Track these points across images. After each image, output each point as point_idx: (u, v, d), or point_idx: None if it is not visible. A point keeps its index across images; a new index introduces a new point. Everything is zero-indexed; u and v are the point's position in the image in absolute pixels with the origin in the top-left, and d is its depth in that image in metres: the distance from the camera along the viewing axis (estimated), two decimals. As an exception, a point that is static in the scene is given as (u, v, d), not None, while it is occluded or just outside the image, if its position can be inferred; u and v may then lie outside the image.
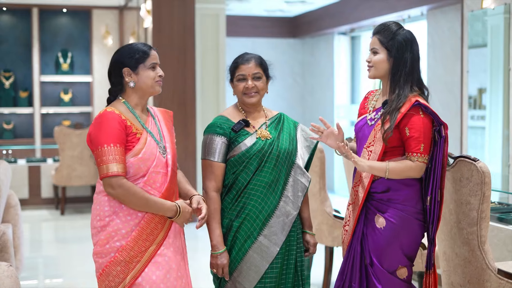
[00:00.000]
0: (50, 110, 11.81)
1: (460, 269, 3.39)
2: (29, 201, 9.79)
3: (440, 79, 8.48)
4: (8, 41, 11.69)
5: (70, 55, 11.85)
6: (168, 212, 3.03)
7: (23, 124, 11.81)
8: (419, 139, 3.11)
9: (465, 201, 3.28)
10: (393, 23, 3.27)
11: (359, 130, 3.35)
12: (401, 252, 3.18)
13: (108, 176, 2.93)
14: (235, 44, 12.01)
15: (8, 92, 11.58)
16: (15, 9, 11.66)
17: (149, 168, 3.02)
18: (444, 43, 8.38)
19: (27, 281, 6.16)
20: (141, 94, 3.12)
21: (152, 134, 3.09)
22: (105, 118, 2.99)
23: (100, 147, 2.94)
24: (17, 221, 5.10)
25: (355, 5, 10.13)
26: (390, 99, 3.19)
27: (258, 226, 3.21)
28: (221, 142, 3.25)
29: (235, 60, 3.39)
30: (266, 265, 3.20)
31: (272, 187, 3.24)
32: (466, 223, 3.29)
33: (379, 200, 3.20)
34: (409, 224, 3.17)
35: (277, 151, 3.27)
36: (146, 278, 3.00)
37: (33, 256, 7.30)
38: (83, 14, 11.95)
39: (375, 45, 3.25)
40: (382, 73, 3.25)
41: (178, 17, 8.36)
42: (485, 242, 3.26)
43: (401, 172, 3.11)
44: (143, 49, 3.11)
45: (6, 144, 11.22)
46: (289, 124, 3.43)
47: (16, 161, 9.93)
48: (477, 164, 3.23)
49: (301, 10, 11.64)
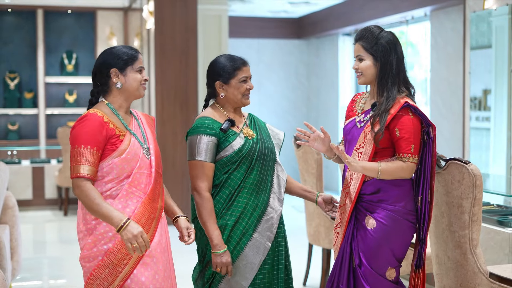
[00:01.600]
0: (55, 111, 11.84)
1: (452, 272, 3.36)
2: (33, 202, 9.82)
3: (443, 80, 8.44)
4: (13, 42, 11.74)
5: (74, 56, 11.89)
6: (113, 223, 2.93)
7: (28, 125, 11.85)
8: (409, 140, 3.13)
9: (457, 203, 3.25)
10: (374, 27, 3.29)
11: (348, 133, 3.36)
12: (391, 253, 3.19)
13: (75, 177, 2.94)
14: (240, 45, 12.01)
15: (13, 93, 11.62)
16: (20, 10, 11.70)
17: (133, 169, 3.03)
18: (447, 44, 8.34)
19: (31, 282, 6.18)
20: (126, 96, 3.14)
21: (136, 136, 3.11)
22: (87, 119, 3.00)
23: (77, 146, 2.94)
24: (14, 223, 5.10)
25: (359, 6, 10.10)
26: (379, 102, 3.22)
27: (253, 224, 3.26)
28: (211, 142, 3.26)
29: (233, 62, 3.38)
30: (260, 261, 3.26)
31: (262, 184, 3.32)
32: (458, 226, 3.27)
33: (369, 201, 3.21)
34: (399, 225, 3.18)
35: (263, 149, 3.35)
36: (135, 279, 3.00)
37: (37, 256, 7.32)
38: (87, 15, 11.98)
39: (360, 52, 3.27)
40: (370, 78, 3.28)
41: (180, 18, 8.35)
42: (477, 246, 3.23)
43: (392, 172, 3.13)
44: (131, 52, 3.14)
45: (11, 145, 11.27)
46: (261, 123, 3.52)
47: (20, 162, 9.96)
48: (468, 167, 3.21)
49: (305, 11, 11.61)
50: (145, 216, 3.03)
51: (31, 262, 6.90)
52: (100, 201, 2.92)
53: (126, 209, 3.02)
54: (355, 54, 3.31)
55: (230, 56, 3.42)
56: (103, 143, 3.00)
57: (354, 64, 3.31)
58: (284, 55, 12.48)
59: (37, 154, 11.28)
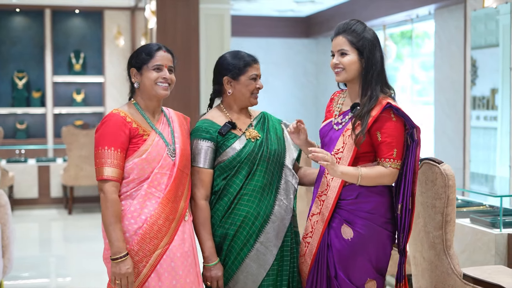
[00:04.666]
0: (62, 110, 11.93)
1: (427, 273, 3.32)
2: (38, 201, 9.88)
3: (447, 78, 8.38)
4: (22, 42, 11.85)
5: (82, 55, 11.97)
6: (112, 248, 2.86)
7: (36, 124, 11.95)
8: (391, 144, 2.92)
9: (431, 204, 3.21)
10: (357, 21, 3.07)
11: (325, 135, 3.14)
12: (370, 265, 2.98)
13: (100, 179, 2.90)
14: (248, 44, 12.00)
15: (21, 93, 11.72)
16: (28, 10, 11.80)
17: (153, 169, 2.94)
18: (450, 42, 8.28)
19: (37, 280, 6.24)
20: (146, 96, 3.04)
21: (162, 136, 3.01)
22: (109, 120, 2.94)
23: (101, 148, 2.90)
24: (6, 221, 5.11)
25: (365, 5, 10.07)
26: (362, 102, 3.00)
27: (255, 233, 3.05)
28: (207, 147, 3.08)
29: (243, 58, 3.17)
30: (264, 273, 3.05)
31: (265, 191, 3.09)
32: (432, 227, 3.23)
33: (346, 209, 2.98)
34: (377, 235, 2.97)
35: (268, 153, 3.12)
36: (152, 284, 2.90)
37: (42, 255, 7.38)
38: (95, 15, 12.05)
39: (344, 46, 3.02)
40: (352, 75, 3.04)
41: (182, 17, 8.35)
42: (451, 246, 3.18)
43: (373, 179, 2.92)
44: (149, 49, 3.03)
45: (19, 144, 11.36)
46: (273, 123, 3.28)
47: (26, 160, 10.03)
48: (440, 167, 3.14)
49: (311, 10, 11.59)
50: (162, 217, 2.93)
51: (37, 260, 6.96)
52: (115, 221, 2.86)
53: (144, 210, 2.92)
54: (336, 48, 3.05)
55: (240, 52, 3.21)
56: (127, 144, 2.93)
57: (334, 59, 3.05)
58: (293, 54, 12.47)
59: (45, 153, 11.36)
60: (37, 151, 11.14)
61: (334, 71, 3.09)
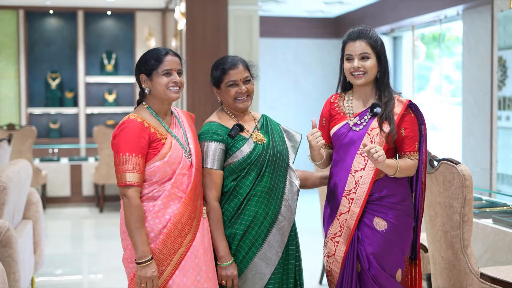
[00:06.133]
0: (94, 110, 12.12)
1: (445, 272, 3.36)
2: (71, 199, 10.07)
3: (475, 79, 8.35)
4: (55, 43, 12.07)
5: (114, 56, 12.14)
6: (137, 253, 2.91)
7: (69, 124, 12.16)
8: (414, 138, 3.13)
9: (448, 204, 3.25)
10: (369, 27, 3.23)
11: (342, 137, 3.22)
12: (401, 253, 3.14)
13: (122, 185, 2.95)
14: (278, 45, 12.07)
15: (54, 93, 11.93)
16: (62, 12, 12.02)
17: (175, 171, 3.00)
18: (478, 43, 8.25)
19: (70, 276, 6.39)
20: (158, 101, 3.09)
21: (177, 138, 3.08)
22: (128, 126, 2.99)
23: (122, 154, 2.95)
24: (38, 218, 5.26)
25: (394, 6, 10.06)
26: (383, 102, 3.16)
27: (263, 233, 3.13)
28: (219, 148, 3.13)
29: (221, 65, 3.22)
30: (270, 271, 3.13)
31: (273, 192, 3.16)
32: (450, 226, 3.27)
33: (377, 203, 3.13)
34: (406, 223, 3.14)
35: (274, 155, 3.19)
36: (177, 281, 2.96)
37: (75, 252, 7.53)
38: (127, 16, 12.23)
39: (367, 50, 3.15)
40: (371, 79, 3.20)
41: (211, 19, 8.44)
42: (468, 246, 3.22)
43: (406, 170, 3.10)
44: (157, 55, 3.07)
45: (53, 143, 11.58)
46: (275, 125, 3.35)
47: (59, 159, 10.22)
48: (458, 167, 3.20)
49: (340, 10, 11.62)
50: (185, 216, 2.99)
51: (69, 257, 7.12)
52: (140, 225, 2.92)
53: (167, 210, 2.99)
54: (357, 52, 3.15)
55: (221, 59, 3.27)
56: (146, 149, 2.98)
57: (355, 62, 3.15)
58: (322, 55, 12.49)
59: (77, 152, 11.55)
60: (70, 150, 11.34)
61: (353, 74, 3.19)
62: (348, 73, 3.21)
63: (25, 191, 5.00)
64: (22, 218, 5.09)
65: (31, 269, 5.02)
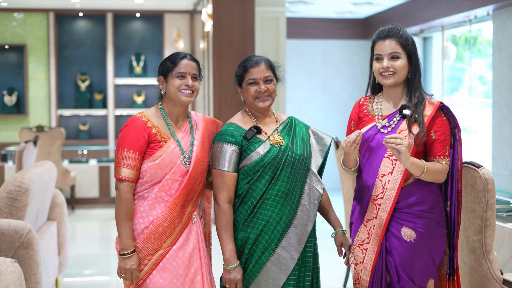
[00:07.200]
0: (123, 112, 12.19)
1: (467, 277, 3.29)
2: (99, 200, 10.15)
3: (505, 80, 8.22)
4: (84, 46, 12.18)
5: (143, 58, 12.21)
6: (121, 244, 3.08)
7: (98, 125, 12.27)
8: (445, 142, 3.01)
9: (470, 208, 3.19)
10: (400, 27, 3.12)
11: (370, 139, 3.14)
12: (432, 264, 3.03)
13: (117, 178, 3.10)
14: (306, 46, 12.02)
15: (84, 95, 12.05)
16: (91, 15, 12.13)
17: (165, 175, 3.11)
18: (509, 43, 8.12)
19: (99, 277, 6.46)
20: (171, 103, 3.20)
21: (179, 143, 3.16)
22: (131, 123, 3.14)
23: (121, 149, 3.10)
24: (62, 219, 5.31)
25: (423, 6, 9.96)
26: (413, 104, 3.06)
27: (276, 238, 3.08)
28: (232, 151, 3.11)
29: (243, 63, 3.23)
30: (284, 277, 3.08)
31: (289, 196, 3.10)
32: (472, 231, 3.20)
33: (405, 210, 3.02)
34: (436, 233, 3.03)
35: (292, 158, 3.13)
36: (154, 280, 3.08)
37: (104, 253, 7.60)
38: (155, 18, 12.28)
39: (397, 49, 3.06)
40: (402, 78, 3.10)
41: (238, 20, 8.43)
42: (490, 251, 3.15)
43: (434, 173, 2.97)
44: (174, 58, 3.19)
45: (82, 145, 11.69)
46: (301, 128, 3.28)
47: (88, 161, 10.30)
48: (480, 171, 3.12)
49: (369, 11, 11.54)
50: (168, 220, 3.09)
51: (98, 258, 7.18)
52: (126, 219, 3.07)
53: (152, 211, 3.10)
54: (387, 51, 3.07)
55: (247, 58, 3.27)
56: (145, 147, 3.11)
57: (384, 62, 3.07)
58: (351, 56, 12.41)
59: (106, 154, 11.64)
60: (99, 152, 11.43)
61: (382, 74, 3.11)
62: (377, 73, 3.12)
63: (49, 193, 5.04)
64: (46, 219, 5.13)
65: (55, 270, 5.05)
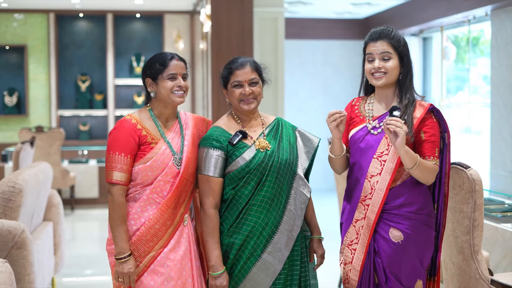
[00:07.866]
0: (124, 112, 12.20)
1: (456, 278, 3.31)
2: (99, 200, 10.17)
3: (504, 81, 8.21)
4: (85, 46, 12.21)
5: (143, 58, 12.23)
6: (116, 249, 3.03)
7: (98, 126, 12.29)
8: (434, 143, 3.01)
9: (459, 209, 3.20)
10: (392, 28, 3.12)
11: (359, 140, 3.15)
12: (420, 265, 3.04)
13: (109, 182, 3.06)
14: (306, 47, 12.02)
15: (84, 95, 12.07)
16: (91, 15, 12.15)
17: (157, 177, 3.07)
18: (507, 44, 8.12)
19: (99, 277, 6.45)
20: (162, 104, 3.15)
21: (170, 145, 3.13)
22: (120, 126, 3.09)
23: (112, 153, 3.06)
24: (58, 220, 5.32)
25: (422, 6, 9.96)
26: (403, 105, 3.06)
27: (262, 243, 3.05)
28: (218, 156, 3.07)
29: (228, 65, 3.17)
30: (270, 282, 3.06)
31: (275, 201, 3.07)
32: (460, 232, 3.21)
33: (392, 211, 3.03)
34: (425, 234, 3.03)
35: (278, 163, 3.08)
36: (145, 282, 3.06)
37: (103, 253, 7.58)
38: (155, 19, 12.31)
39: (388, 50, 3.07)
40: (392, 80, 3.10)
41: (236, 21, 8.44)
42: (479, 251, 3.16)
43: (425, 169, 2.95)
44: (162, 59, 3.13)
45: (82, 145, 11.71)
46: (287, 130, 3.24)
47: (87, 161, 10.32)
48: (467, 172, 3.13)
49: (368, 12, 11.54)
50: (160, 222, 3.06)
51: (97, 258, 7.18)
52: (120, 223, 3.01)
53: (144, 213, 3.06)
54: (378, 52, 3.08)
55: (232, 59, 3.20)
56: (136, 150, 3.07)
57: (376, 63, 3.08)
58: (351, 56, 12.41)
59: (106, 154, 11.63)
60: (99, 152, 11.44)
61: (373, 75, 3.12)
62: (369, 74, 3.13)
63: (45, 193, 5.06)
64: (42, 219, 5.15)
65: (51, 270, 5.07)
